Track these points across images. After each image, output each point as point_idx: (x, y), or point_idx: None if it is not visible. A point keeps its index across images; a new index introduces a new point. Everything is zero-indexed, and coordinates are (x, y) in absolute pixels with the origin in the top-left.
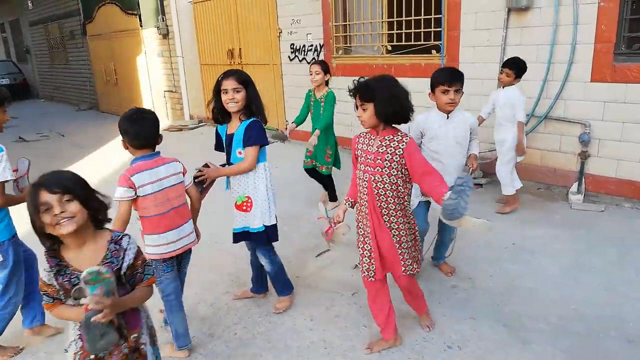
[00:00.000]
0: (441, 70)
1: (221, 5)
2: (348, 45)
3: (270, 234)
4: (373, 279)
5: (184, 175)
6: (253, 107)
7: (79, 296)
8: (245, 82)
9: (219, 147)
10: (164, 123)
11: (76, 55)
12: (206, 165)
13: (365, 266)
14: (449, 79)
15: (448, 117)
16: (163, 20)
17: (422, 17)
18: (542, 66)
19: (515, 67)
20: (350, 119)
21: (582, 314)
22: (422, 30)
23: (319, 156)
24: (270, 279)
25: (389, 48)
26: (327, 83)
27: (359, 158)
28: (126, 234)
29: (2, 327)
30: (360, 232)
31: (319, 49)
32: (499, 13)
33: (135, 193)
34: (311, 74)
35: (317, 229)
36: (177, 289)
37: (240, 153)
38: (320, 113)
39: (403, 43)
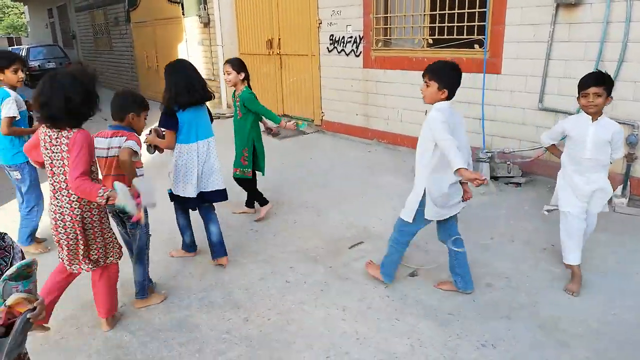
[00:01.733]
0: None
1: None
2: (388, 37)
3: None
4: None
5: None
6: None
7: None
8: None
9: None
10: None
11: (119, 42)
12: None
13: None
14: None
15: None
16: (205, 9)
17: (466, 10)
18: (590, 64)
19: (609, 82)
20: (388, 112)
21: (623, 320)
22: (465, 24)
23: (236, 158)
24: (212, 240)
25: (430, 41)
26: (244, 81)
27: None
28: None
29: (33, 227)
30: None
31: (358, 41)
32: (546, 8)
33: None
34: (224, 74)
35: (348, 219)
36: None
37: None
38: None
39: (445, 37)
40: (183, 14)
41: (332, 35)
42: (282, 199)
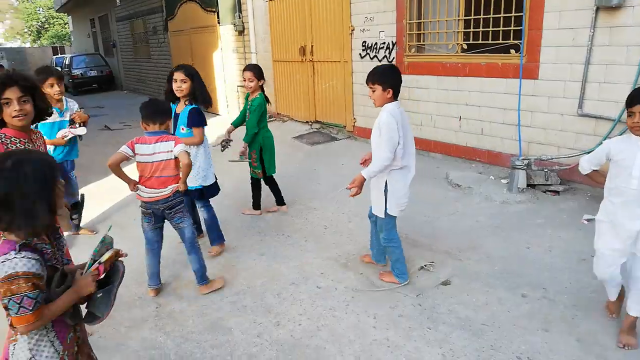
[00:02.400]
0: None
1: (295, 3)
2: (421, 43)
3: (205, 191)
4: None
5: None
6: (198, 95)
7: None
8: (191, 75)
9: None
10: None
11: (157, 50)
12: None
13: None
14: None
15: None
16: (239, 18)
17: (502, 15)
18: (631, 69)
19: None
20: (421, 118)
21: None
22: (501, 28)
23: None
24: (206, 227)
25: (465, 47)
26: (260, 88)
27: None
28: None
29: None
30: None
31: (391, 47)
32: (586, 12)
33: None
34: (245, 80)
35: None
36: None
37: (183, 129)
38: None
39: (480, 42)
40: (218, 23)
41: (365, 41)
42: (314, 204)
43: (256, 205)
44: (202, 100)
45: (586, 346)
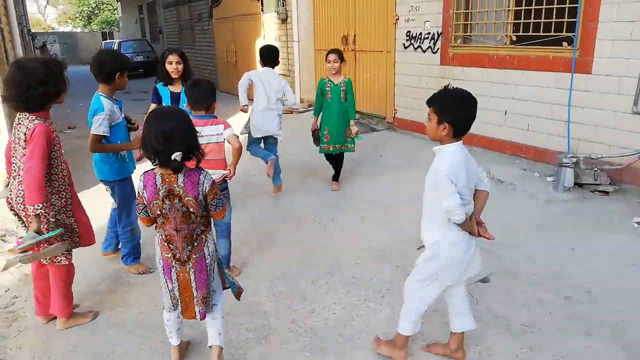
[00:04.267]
0: None
1: None
2: (468, 34)
3: None
4: None
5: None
6: (189, 76)
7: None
8: (183, 57)
9: (159, 101)
10: None
11: (202, 37)
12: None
13: None
14: None
15: None
16: (283, 6)
17: (555, 6)
18: None
19: None
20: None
21: None
22: (554, 20)
23: (341, 136)
24: None
25: (514, 38)
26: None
27: None
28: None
29: (130, 248)
30: None
31: (436, 37)
32: None
33: None
34: (329, 62)
35: (417, 220)
36: None
37: (187, 106)
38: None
39: (530, 34)
40: (262, 11)
41: (409, 31)
42: (352, 194)
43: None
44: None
45: (633, 354)
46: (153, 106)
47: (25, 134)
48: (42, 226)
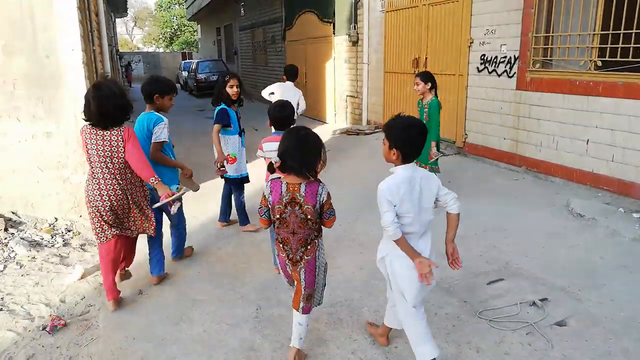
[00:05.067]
0: None
1: (413, 14)
2: (548, 58)
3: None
4: None
5: None
6: (242, 99)
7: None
8: (241, 82)
9: (229, 121)
10: (342, 126)
11: (274, 58)
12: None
13: None
14: None
15: None
16: (355, 28)
17: None
18: None
19: None
20: (541, 138)
21: None
22: None
23: (423, 156)
24: (237, 209)
25: (599, 64)
26: (431, 90)
27: None
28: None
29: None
30: None
31: (512, 61)
32: None
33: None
34: (414, 85)
35: (489, 252)
36: None
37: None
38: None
39: (617, 59)
40: (334, 33)
41: (484, 54)
42: None
43: None
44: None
45: None
46: (217, 127)
47: (118, 137)
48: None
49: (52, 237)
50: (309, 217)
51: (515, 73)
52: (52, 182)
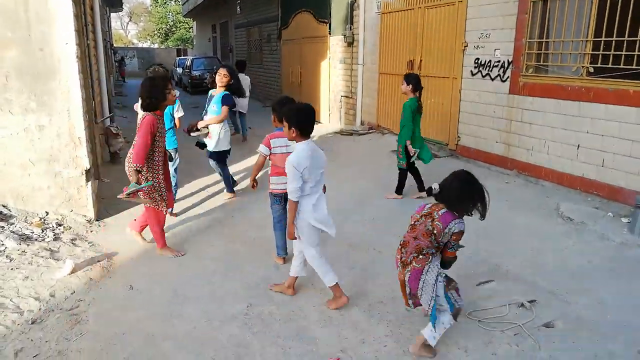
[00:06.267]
0: None
1: (408, 16)
2: (541, 63)
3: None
4: None
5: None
6: (233, 87)
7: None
8: (231, 73)
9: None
10: (336, 126)
11: (269, 57)
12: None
13: None
14: None
15: None
16: (350, 29)
17: (638, 38)
18: None
19: None
20: (533, 142)
21: None
22: (636, 53)
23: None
24: (223, 179)
25: (591, 70)
26: (413, 92)
27: None
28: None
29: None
30: None
31: (505, 66)
32: None
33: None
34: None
35: (479, 255)
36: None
37: (214, 107)
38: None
39: (609, 66)
40: (329, 33)
41: (478, 58)
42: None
43: (399, 190)
44: (234, 90)
45: None
46: (225, 109)
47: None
48: (140, 179)
49: (43, 231)
50: (434, 231)
51: (508, 77)
52: (44, 175)
